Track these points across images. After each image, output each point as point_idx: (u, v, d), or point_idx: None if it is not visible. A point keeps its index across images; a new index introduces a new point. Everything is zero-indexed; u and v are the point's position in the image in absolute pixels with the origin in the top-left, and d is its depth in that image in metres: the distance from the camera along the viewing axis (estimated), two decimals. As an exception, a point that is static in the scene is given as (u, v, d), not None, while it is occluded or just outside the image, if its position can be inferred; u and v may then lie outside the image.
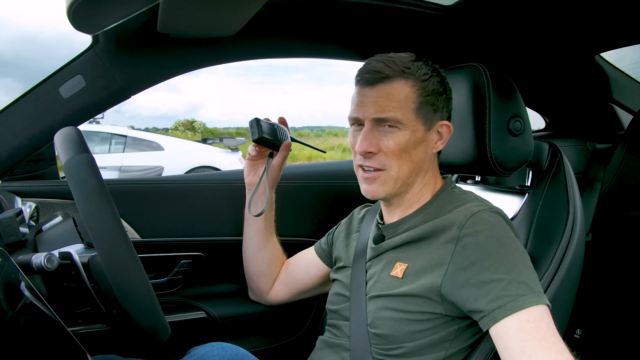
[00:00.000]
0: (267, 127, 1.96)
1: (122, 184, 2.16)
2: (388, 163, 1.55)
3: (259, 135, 1.93)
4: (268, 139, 1.95)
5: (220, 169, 11.21)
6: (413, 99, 1.53)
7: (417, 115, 1.54)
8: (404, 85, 1.53)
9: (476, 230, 1.43)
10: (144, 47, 2.00)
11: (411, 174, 1.59)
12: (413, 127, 1.53)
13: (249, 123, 1.95)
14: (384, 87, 1.53)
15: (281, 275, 2.12)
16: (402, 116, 1.52)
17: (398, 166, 1.55)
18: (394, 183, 1.58)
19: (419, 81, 1.54)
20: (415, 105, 1.53)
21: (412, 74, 1.54)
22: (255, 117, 1.95)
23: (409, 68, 1.55)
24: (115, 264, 1.19)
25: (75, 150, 1.27)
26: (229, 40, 2.02)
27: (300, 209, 2.42)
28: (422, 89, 1.54)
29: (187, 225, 2.20)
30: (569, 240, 1.69)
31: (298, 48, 2.30)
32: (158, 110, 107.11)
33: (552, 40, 2.31)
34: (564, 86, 2.82)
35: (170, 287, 2.19)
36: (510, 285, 1.34)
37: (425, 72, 1.57)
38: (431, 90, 1.56)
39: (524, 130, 1.74)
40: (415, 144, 1.55)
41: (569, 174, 1.81)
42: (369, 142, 1.54)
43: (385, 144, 1.54)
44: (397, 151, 1.53)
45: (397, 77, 1.53)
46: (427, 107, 1.55)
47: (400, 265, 1.56)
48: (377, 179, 1.58)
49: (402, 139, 1.53)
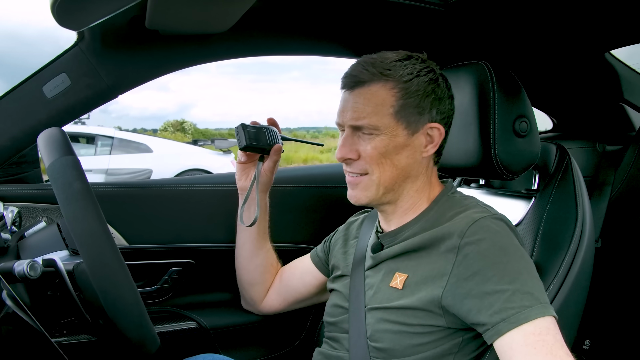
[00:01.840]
0: (254, 133, 1.97)
1: (109, 188, 2.16)
2: (369, 168, 1.56)
3: (245, 143, 1.94)
4: (255, 145, 1.97)
5: (211, 171, 11.19)
6: (391, 103, 1.53)
7: (396, 119, 1.53)
8: (381, 88, 1.53)
9: (478, 239, 1.43)
10: (131, 44, 2.00)
11: (395, 180, 1.59)
12: (392, 132, 1.53)
13: (235, 130, 1.96)
14: (362, 92, 1.54)
15: (275, 284, 2.12)
16: (378, 122, 1.52)
17: (379, 172, 1.56)
18: (376, 189, 1.58)
19: (399, 83, 1.54)
20: (394, 109, 1.53)
21: (391, 76, 1.54)
22: (241, 123, 1.96)
23: (389, 70, 1.54)
24: (101, 272, 1.20)
25: (59, 152, 1.27)
26: (221, 37, 2.03)
27: (296, 214, 2.42)
28: (402, 90, 1.53)
29: (177, 231, 2.20)
30: (578, 247, 1.69)
31: (293, 45, 2.30)
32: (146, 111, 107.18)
33: (560, 36, 2.31)
34: (573, 85, 2.83)
35: (160, 296, 2.18)
36: (515, 296, 1.34)
37: (409, 72, 1.55)
38: (414, 91, 1.54)
39: (530, 131, 1.74)
40: (396, 149, 1.55)
41: (577, 177, 1.82)
42: (348, 148, 1.57)
43: (363, 149, 1.56)
44: (375, 157, 1.54)
45: (374, 81, 1.54)
46: (409, 110, 1.54)
47: (400, 275, 1.56)
48: (360, 183, 1.60)
49: (379, 144, 1.53)
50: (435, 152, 1.63)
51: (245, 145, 1.94)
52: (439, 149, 1.62)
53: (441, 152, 1.66)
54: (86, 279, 1.31)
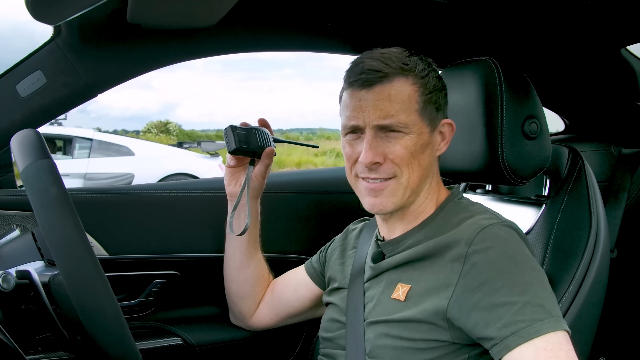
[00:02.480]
0: (244, 135, 1.96)
1: (88, 194, 2.16)
2: (397, 170, 1.55)
3: (235, 146, 1.93)
4: (245, 148, 1.95)
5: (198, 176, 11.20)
6: (416, 99, 1.54)
7: (421, 116, 1.54)
8: (404, 83, 1.53)
9: (486, 247, 1.43)
10: (112, 39, 2.00)
11: (420, 180, 1.59)
12: (419, 129, 1.54)
13: (224, 132, 1.95)
14: (384, 88, 1.52)
15: (267, 297, 2.11)
16: (407, 119, 1.52)
17: (408, 173, 1.55)
18: (403, 192, 1.57)
19: (419, 78, 1.55)
20: (419, 105, 1.54)
21: (411, 71, 1.54)
22: (230, 125, 1.95)
23: (407, 64, 1.55)
24: (79, 284, 1.19)
25: (34, 155, 1.27)
26: (208, 32, 2.03)
27: (289, 222, 2.42)
28: (423, 86, 1.55)
29: (161, 241, 2.20)
30: (591, 258, 1.70)
31: (286, 40, 2.30)
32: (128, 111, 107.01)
33: (572, 30, 2.31)
34: (586, 83, 2.83)
35: (142, 310, 2.18)
36: (525, 309, 1.33)
37: (423, 67, 1.57)
38: (432, 86, 1.57)
39: (540, 133, 1.75)
40: (422, 148, 1.55)
41: (591, 182, 1.82)
42: (375, 151, 1.53)
43: (391, 150, 1.53)
44: (406, 157, 1.53)
45: (396, 76, 1.53)
46: (430, 106, 1.56)
47: (402, 286, 1.56)
48: (385, 189, 1.57)
49: (409, 142, 1.53)
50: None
51: (235, 148, 1.93)
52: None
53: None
54: (63, 292, 1.31)
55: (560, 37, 2.36)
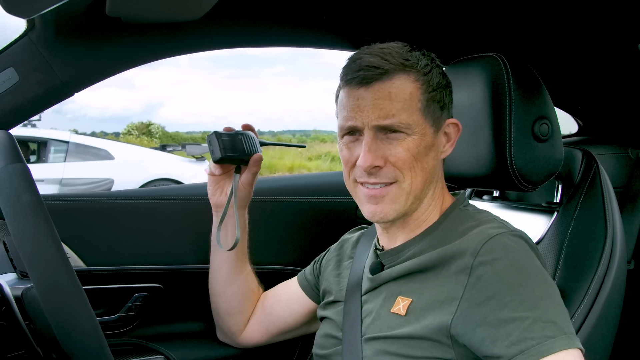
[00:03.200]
0: (230, 142, 1.94)
1: (64, 201, 2.16)
2: (399, 175, 1.54)
3: (221, 154, 1.91)
4: (232, 156, 1.94)
5: (182, 182, 11.20)
6: (418, 97, 1.54)
7: (424, 115, 1.54)
8: (405, 80, 1.53)
9: (493, 258, 1.43)
10: (90, 33, 2.00)
11: (424, 185, 1.59)
12: (422, 130, 1.54)
13: (207, 139, 1.94)
14: (384, 86, 1.52)
15: (257, 313, 2.11)
16: (409, 119, 1.52)
17: (411, 177, 1.55)
18: (406, 199, 1.57)
19: (421, 75, 1.55)
20: (421, 104, 1.54)
21: (412, 67, 1.55)
22: (214, 131, 1.94)
23: (408, 60, 1.55)
24: (54, 298, 1.19)
25: (6, 159, 1.27)
26: (193, 26, 2.03)
27: (280, 231, 2.42)
28: (426, 83, 1.55)
29: (143, 251, 2.20)
30: (607, 270, 1.70)
31: (277, 35, 2.30)
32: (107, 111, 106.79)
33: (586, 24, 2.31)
34: (601, 81, 2.83)
35: (122, 326, 2.18)
36: (535, 325, 1.33)
37: (425, 63, 1.57)
38: (436, 84, 1.57)
39: (552, 135, 1.75)
40: (426, 150, 1.55)
41: (606, 188, 1.82)
42: (375, 154, 1.53)
43: (392, 152, 1.53)
44: (408, 160, 1.53)
45: (397, 72, 1.53)
46: (434, 105, 1.56)
47: (403, 300, 1.56)
48: (387, 195, 1.57)
49: (411, 144, 1.53)
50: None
51: (221, 157, 1.92)
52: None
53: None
54: (37, 307, 1.31)
55: (573, 30, 2.36)
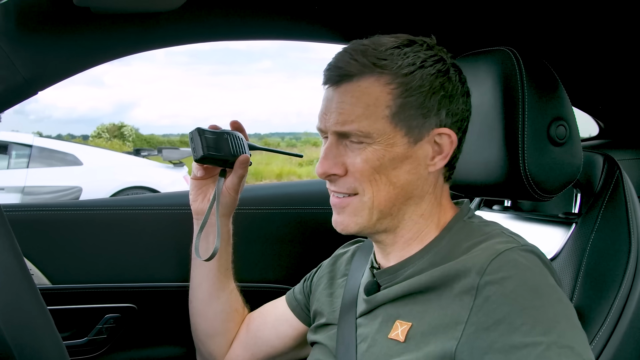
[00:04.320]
0: (214, 140, 1.93)
1: (26, 211, 2.15)
2: (359, 187, 1.54)
3: (203, 153, 1.90)
4: (215, 156, 1.93)
5: (158, 190, 11.33)
6: (387, 102, 1.51)
7: (393, 123, 1.51)
8: (373, 83, 1.51)
9: (502, 277, 1.40)
10: (55, 25, 1.98)
11: (392, 202, 1.56)
12: (388, 140, 1.51)
13: (189, 136, 1.93)
14: (349, 88, 1.52)
15: (241, 335, 2.09)
16: (369, 127, 1.50)
17: (372, 191, 1.53)
18: (369, 213, 1.56)
19: (397, 76, 1.51)
20: (390, 111, 1.51)
21: (387, 67, 1.51)
22: (196, 128, 1.93)
23: (384, 59, 1.51)
24: (16, 319, 1.19)
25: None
26: (170, 17, 2.01)
27: (267, 244, 2.42)
28: (402, 86, 1.51)
29: (114, 267, 2.19)
30: (631, 288, 1.69)
31: (264, 27, 2.29)
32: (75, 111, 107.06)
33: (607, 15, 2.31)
34: (624, 79, 2.83)
35: (92, 351, 2.18)
36: (550, 351, 1.30)
37: (410, 62, 1.53)
38: (416, 87, 1.52)
39: (570, 137, 1.73)
40: (393, 163, 1.53)
41: (630, 196, 1.81)
42: (332, 161, 1.54)
43: (351, 162, 1.53)
44: (367, 172, 1.52)
45: (365, 74, 1.51)
46: (410, 112, 1.52)
47: (402, 324, 1.53)
48: (347, 206, 1.57)
49: (371, 155, 1.51)
50: (446, 166, 1.60)
51: (203, 155, 1.91)
52: (451, 161, 1.60)
53: (454, 165, 1.64)
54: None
55: (593, 22, 2.35)
